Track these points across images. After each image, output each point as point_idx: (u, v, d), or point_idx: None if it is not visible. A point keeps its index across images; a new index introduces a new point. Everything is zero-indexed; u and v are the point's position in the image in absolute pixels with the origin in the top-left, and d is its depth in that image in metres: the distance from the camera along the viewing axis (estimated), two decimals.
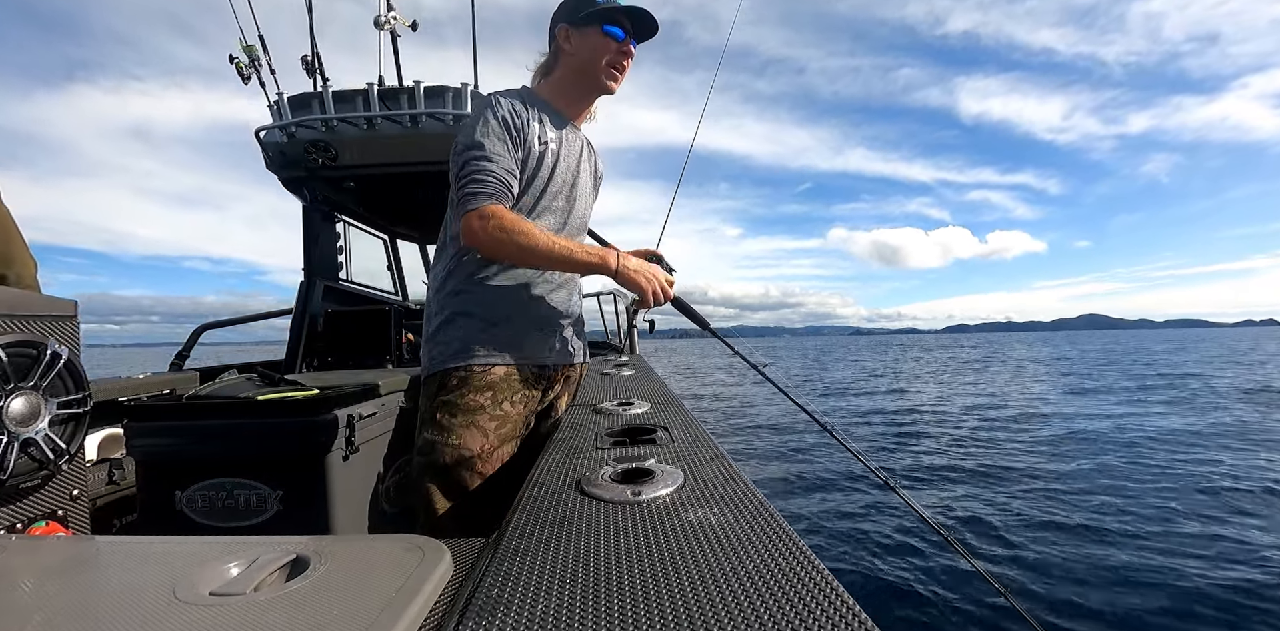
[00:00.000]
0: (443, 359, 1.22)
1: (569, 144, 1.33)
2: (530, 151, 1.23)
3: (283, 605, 0.46)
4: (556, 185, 1.29)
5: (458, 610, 0.42)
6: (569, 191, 1.33)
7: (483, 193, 1.13)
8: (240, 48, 2.93)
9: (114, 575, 0.57)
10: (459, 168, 1.17)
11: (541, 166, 1.25)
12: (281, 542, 0.58)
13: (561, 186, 1.31)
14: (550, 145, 1.27)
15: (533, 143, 1.23)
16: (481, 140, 1.16)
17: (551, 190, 1.28)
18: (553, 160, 1.27)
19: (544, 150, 1.25)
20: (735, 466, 0.69)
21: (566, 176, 1.32)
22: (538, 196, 1.26)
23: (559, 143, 1.29)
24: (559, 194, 1.30)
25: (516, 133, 1.20)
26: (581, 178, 1.36)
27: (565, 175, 1.31)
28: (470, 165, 1.15)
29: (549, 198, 1.28)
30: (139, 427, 1.55)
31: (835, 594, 0.38)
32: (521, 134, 1.21)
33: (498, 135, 1.18)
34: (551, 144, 1.27)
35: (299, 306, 3.10)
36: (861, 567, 3.68)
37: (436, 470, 1.17)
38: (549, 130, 1.27)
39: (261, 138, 2.93)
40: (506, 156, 1.18)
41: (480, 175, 1.14)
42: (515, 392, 1.23)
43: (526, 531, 0.53)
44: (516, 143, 1.21)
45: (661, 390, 1.39)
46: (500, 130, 1.18)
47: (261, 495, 1.51)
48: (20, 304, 1.19)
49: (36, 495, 1.21)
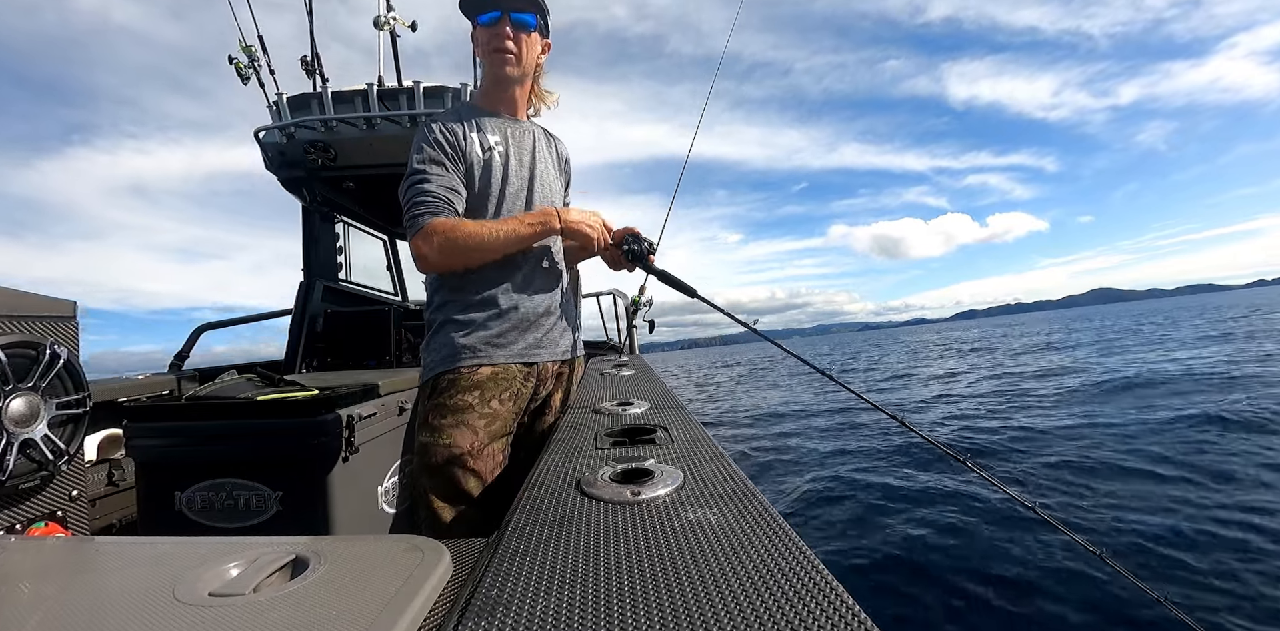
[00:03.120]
0: (434, 365, 1.26)
1: (517, 140, 1.35)
2: (474, 162, 1.27)
3: (283, 605, 0.46)
4: (514, 185, 1.32)
5: (457, 610, 0.42)
6: (528, 188, 1.36)
7: (424, 213, 1.18)
8: (240, 48, 2.93)
9: (114, 576, 0.57)
10: (403, 197, 1.22)
11: (492, 171, 1.29)
12: (281, 543, 0.58)
13: (520, 184, 1.34)
14: (496, 149, 1.30)
15: (474, 153, 1.27)
16: (418, 167, 1.22)
17: (510, 191, 1.31)
18: (502, 162, 1.30)
19: (489, 156, 1.29)
20: (735, 466, 0.69)
21: (522, 173, 1.35)
22: (498, 200, 1.29)
23: (505, 143, 1.32)
24: (519, 193, 1.33)
25: (452, 150, 1.25)
26: (540, 168, 1.38)
27: (520, 172, 1.34)
28: (410, 190, 1.21)
29: (510, 199, 1.31)
30: (138, 428, 1.55)
31: (835, 594, 0.38)
32: (458, 150, 1.25)
33: (433, 158, 1.23)
34: (497, 147, 1.30)
35: (298, 307, 3.10)
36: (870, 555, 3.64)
37: (431, 471, 1.19)
38: (489, 135, 1.31)
39: (261, 138, 2.93)
40: (445, 174, 1.23)
41: (419, 197, 1.19)
42: (503, 390, 1.25)
43: (526, 531, 0.53)
44: (455, 159, 1.25)
45: (661, 390, 1.39)
46: (435, 152, 1.23)
47: (261, 495, 1.51)
48: (19, 305, 1.19)
49: (36, 496, 1.21)
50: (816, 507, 4.82)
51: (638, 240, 1.36)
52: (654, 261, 1.40)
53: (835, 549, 3.94)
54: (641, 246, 1.36)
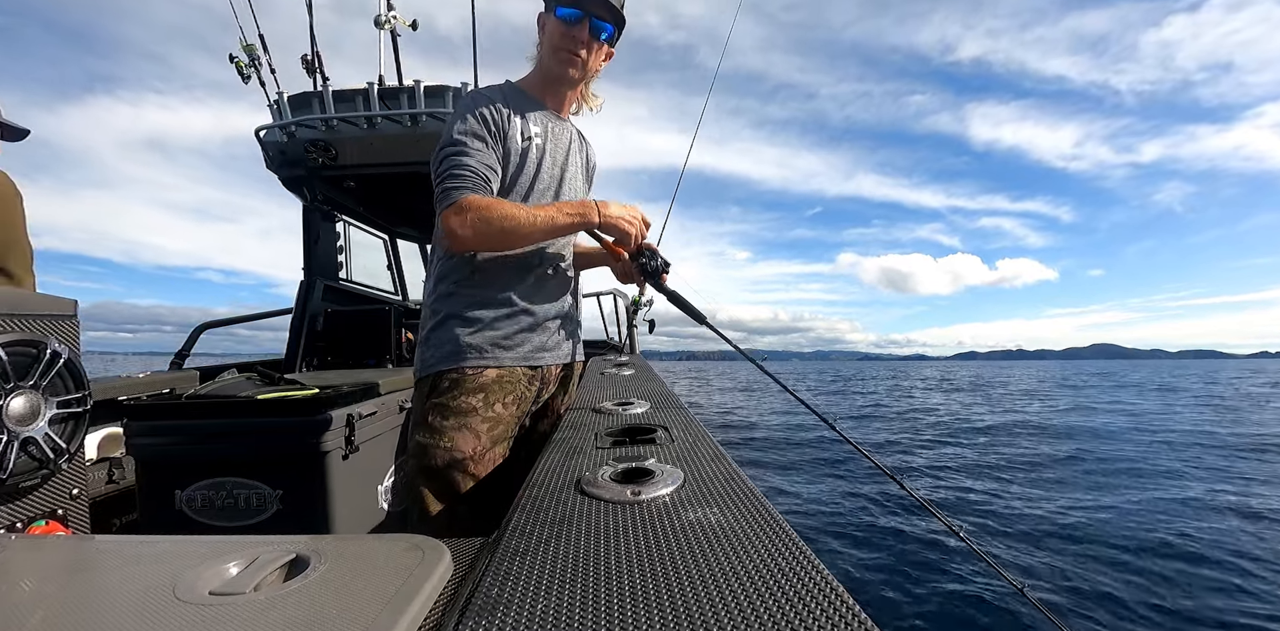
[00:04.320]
0: (434, 361, 1.21)
1: (555, 136, 1.31)
2: (512, 148, 1.22)
3: (282, 604, 0.46)
4: (544, 181, 1.28)
5: (457, 609, 0.42)
6: (557, 186, 1.32)
7: (459, 186, 1.12)
8: (240, 47, 2.93)
9: (114, 574, 0.57)
10: (437, 166, 1.16)
11: (526, 162, 1.24)
12: (281, 542, 0.58)
13: (550, 182, 1.30)
14: (535, 140, 1.25)
15: (514, 139, 1.22)
16: (459, 137, 1.16)
17: (539, 187, 1.27)
18: (538, 155, 1.26)
19: (527, 146, 1.24)
20: (735, 466, 0.69)
21: (554, 171, 1.31)
22: (525, 194, 1.25)
23: (544, 136, 1.28)
24: (547, 190, 1.29)
25: (495, 129, 1.19)
26: (570, 170, 1.35)
27: (552, 170, 1.30)
28: (446, 161, 1.15)
29: (537, 195, 1.27)
30: (139, 427, 1.55)
31: (835, 594, 0.38)
32: (501, 130, 1.20)
33: (475, 132, 1.17)
34: (536, 139, 1.26)
35: (299, 306, 3.10)
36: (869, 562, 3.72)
37: (429, 473, 1.16)
38: (532, 125, 1.26)
39: (261, 137, 2.93)
40: (485, 151, 1.17)
41: (456, 170, 1.13)
42: (508, 394, 1.22)
43: (526, 531, 0.53)
44: (496, 139, 1.20)
45: (661, 390, 1.39)
46: (479, 126, 1.18)
47: (261, 494, 1.51)
48: (20, 303, 1.19)
49: (36, 494, 1.21)
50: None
51: (654, 256, 1.31)
52: (667, 280, 1.35)
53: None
54: (657, 263, 1.31)
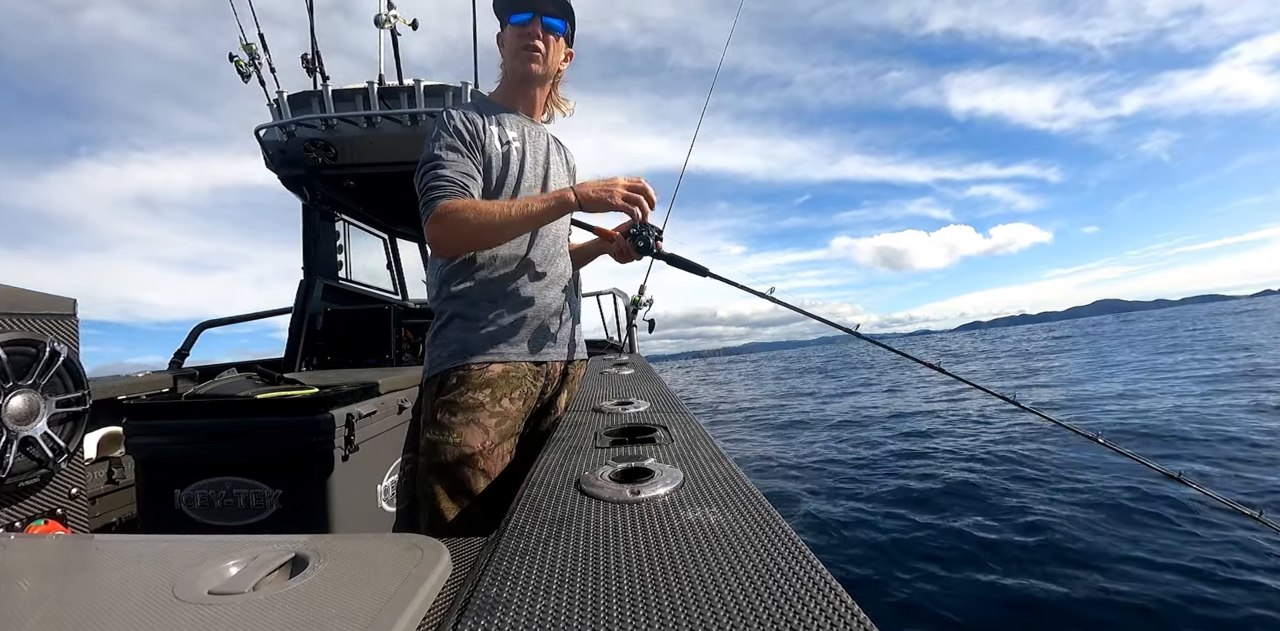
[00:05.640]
0: (441, 360, 1.24)
1: (533, 139, 1.36)
2: (492, 153, 1.26)
3: (282, 604, 0.46)
4: (529, 181, 1.31)
5: (457, 609, 0.42)
6: (543, 186, 1.35)
7: (437, 197, 1.16)
8: (240, 46, 2.93)
9: (113, 574, 0.57)
10: (419, 184, 1.21)
11: (509, 164, 1.28)
12: (281, 541, 0.58)
13: (534, 182, 1.33)
14: (514, 144, 1.30)
15: (493, 145, 1.27)
16: (435, 153, 1.21)
17: (525, 186, 1.30)
18: (519, 157, 1.30)
19: (507, 149, 1.28)
20: (734, 466, 0.69)
21: (537, 170, 1.35)
22: (513, 196, 1.28)
23: (522, 139, 1.32)
24: (532, 188, 1.33)
25: (471, 139, 1.24)
26: (553, 169, 1.39)
27: (535, 170, 1.34)
28: (425, 176, 1.19)
29: (524, 193, 1.30)
30: (138, 426, 1.55)
31: (835, 593, 0.38)
32: (477, 140, 1.25)
33: (449, 145, 1.22)
34: (515, 142, 1.30)
35: (298, 305, 3.10)
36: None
37: (440, 470, 1.17)
38: (508, 130, 1.30)
39: (261, 136, 2.92)
40: (460, 160, 1.21)
41: (434, 182, 1.18)
42: (514, 389, 1.24)
43: (525, 531, 0.53)
44: (473, 148, 1.24)
45: (661, 390, 1.39)
46: (452, 139, 1.22)
47: (261, 494, 1.51)
48: (19, 302, 1.19)
49: (36, 494, 1.21)
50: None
51: (645, 227, 1.32)
52: (661, 247, 1.36)
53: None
54: (650, 233, 1.32)
